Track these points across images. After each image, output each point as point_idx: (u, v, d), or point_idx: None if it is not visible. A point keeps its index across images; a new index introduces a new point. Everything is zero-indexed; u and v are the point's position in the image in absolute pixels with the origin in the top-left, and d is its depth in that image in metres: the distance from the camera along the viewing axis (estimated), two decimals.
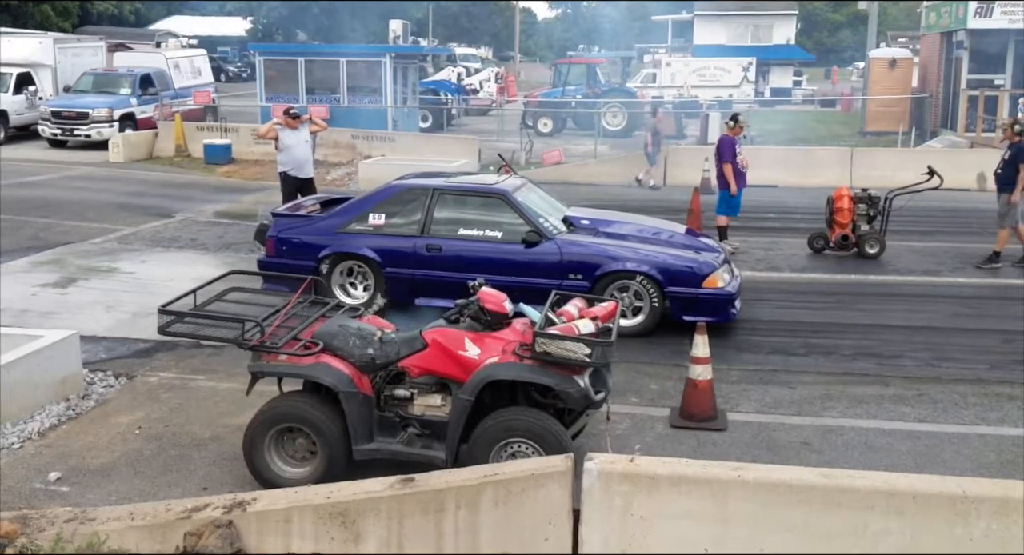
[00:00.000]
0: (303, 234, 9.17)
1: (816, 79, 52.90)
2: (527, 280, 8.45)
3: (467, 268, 8.46)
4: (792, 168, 18.77)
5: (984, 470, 5.81)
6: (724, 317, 8.69)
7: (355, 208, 9.20)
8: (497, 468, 4.35)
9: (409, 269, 8.82)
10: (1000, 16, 21.73)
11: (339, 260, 9.06)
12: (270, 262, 9.14)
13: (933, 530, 3.89)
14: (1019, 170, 11.15)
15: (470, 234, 8.86)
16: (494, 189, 9.08)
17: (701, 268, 8.69)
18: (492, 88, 38.25)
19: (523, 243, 8.68)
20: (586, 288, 8.42)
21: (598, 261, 8.64)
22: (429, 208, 8.92)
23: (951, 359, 8.10)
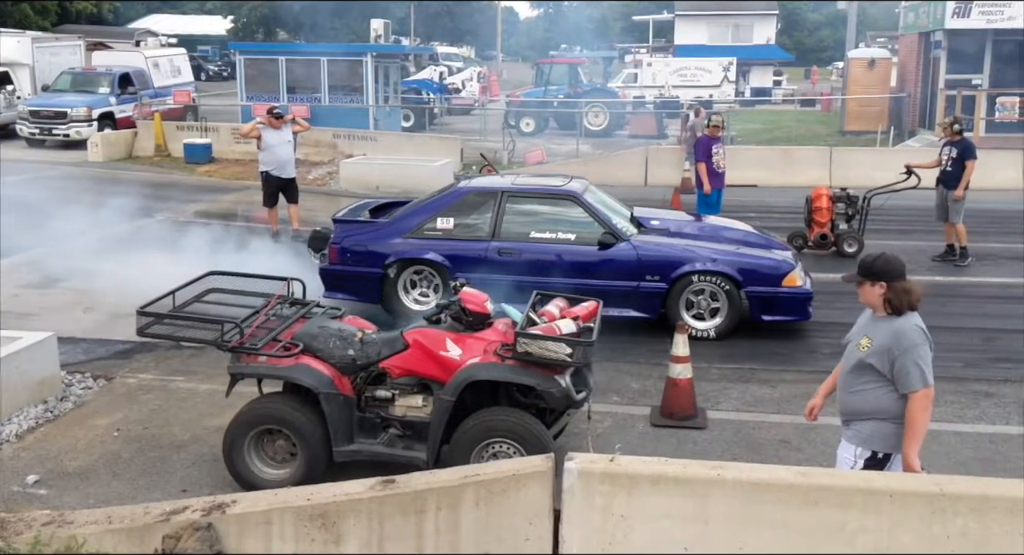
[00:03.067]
0: (368, 241, 8.92)
1: (796, 79, 53.16)
2: (603, 283, 8.36)
3: (540, 272, 8.42)
4: (772, 168, 18.87)
5: (961, 467, 5.86)
6: (803, 316, 8.61)
7: (421, 213, 8.98)
8: (478, 469, 4.35)
9: (480, 274, 8.46)
10: (978, 16, 21.89)
11: (406, 266, 8.84)
12: (334, 270, 8.94)
13: (910, 528, 3.92)
14: (965, 167, 11.36)
15: (542, 237, 8.70)
16: (564, 190, 8.95)
17: (780, 266, 8.62)
18: (474, 87, 38.23)
19: (598, 245, 8.55)
20: (663, 290, 8.42)
21: (675, 261, 8.50)
22: (498, 211, 8.75)
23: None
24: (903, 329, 4.31)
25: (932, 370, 4.31)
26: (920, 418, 4.29)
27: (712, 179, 12.23)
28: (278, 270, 7.01)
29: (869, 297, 4.42)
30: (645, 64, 38.68)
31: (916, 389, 4.27)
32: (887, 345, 4.31)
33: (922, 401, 4.28)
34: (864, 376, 4.40)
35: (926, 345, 4.32)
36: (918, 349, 4.28)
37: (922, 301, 4.40)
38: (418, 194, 16.86)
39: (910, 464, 4.28)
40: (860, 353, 4.41)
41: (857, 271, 4.45)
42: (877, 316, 4.44)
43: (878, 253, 4.51)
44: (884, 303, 4.38)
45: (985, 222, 13.30)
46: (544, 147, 21.87)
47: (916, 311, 4.41)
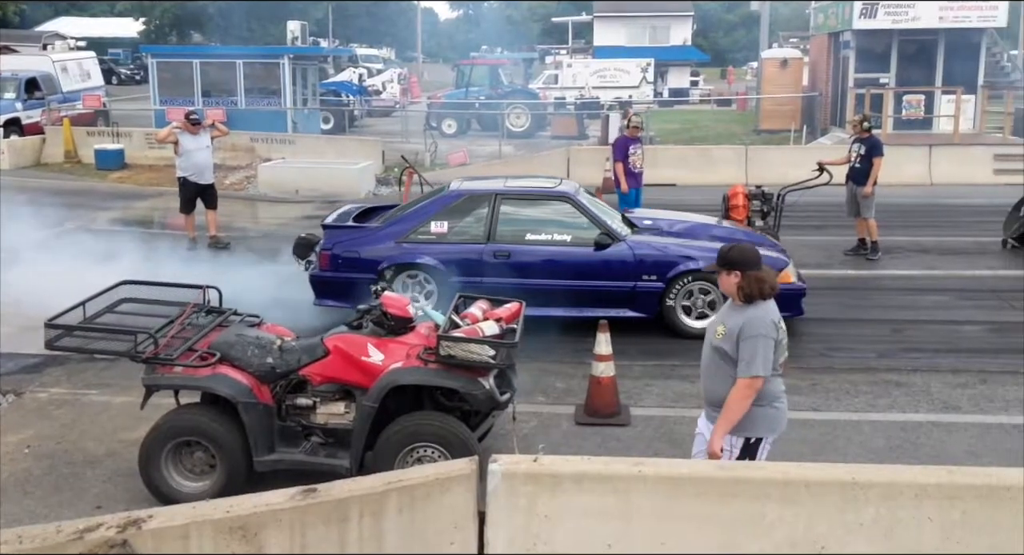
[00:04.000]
0: (360, 247, 8.81)
1: (713, 79, 54.18)
2: (600, 283, 8.46)
3: (537, 274, 8.43)
4: (691, 167, 19.19)
5: (874, 455, 6.05)
6: (797, 311, 8.65)
7: (414, 217, 8.90)
8: (401, 474, 4.32)
9: (477, 277, 8.47)
10: (884, 17, 22.61)
11: (400, 271, 8.73)
12: (325, 277, 8.77)
13: (825, 516, 4.02)
14: (873, 164, 11.76)
15: (537, 239, 8.70)
16: (558, 191, 8.98)
17: (775, 263, 8.60)
18: (395, 89, 38.03)
19: (594, 246, 8.56)
20: (659, 289, 8.46)
21: (672, 261, 8.55)
22: (492, 213, 8.71)
23: (843, 349, 8.41)
24: (753, 317, 4.45)
25: (769, 363, 4.41)
26: (736, 405, 4.42)
27: (629, 179, 12.41)
28: (196, 278, 6.86)
29: (726, 286, 4.59)
30: (565, 65, 38.97)
31: (743, 375, 4.40)
32: (736, 331, 4.46)
33: (744, 390, 4.41)
34: (721, 363, 4.54)
35: (770, 338, 4.43)
36: (759, 339, 4.40)
37: (776, 291, 4.54)
38: (339, 197, 16.88)
39: (713, 447, 4.45)
40: (715, 340, 4.57)
41: (716, 260, 4.62)
42: (734, 304, 4.60)
43: (733, 243, 4.73)
44: (738, 291, 4.52)
45: (894, 216, 13.74)
46: (467, 148, 21.85)
47: (770, 300, 4.54)
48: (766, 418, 4.53)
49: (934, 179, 18.22)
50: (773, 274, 4.63)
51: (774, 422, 4.59)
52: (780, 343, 4.51)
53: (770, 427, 4.56)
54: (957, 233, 13.25)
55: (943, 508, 3.96)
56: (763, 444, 4.57)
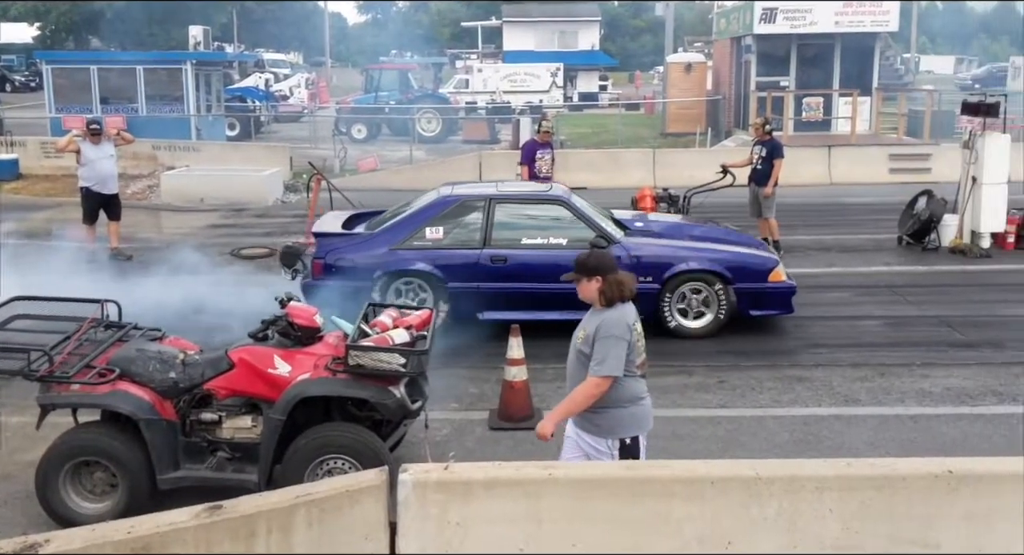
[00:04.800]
0: (353, 254, 8.68)
1: (621, 83, 55.00)
2: None
3: (535, 278, 8.43)
4: (600, 170, 19.41)
5: (778, 450, 6.21)
6: (788, 309, 8.86)
7: (408, 223, 8.79)
8: (310, 487, 4.25)
9: (474, 283, 8.50)
10: (783, 22, 23.28)
11: (395, 278, 8.63)
12: (319, 286, 8.56)
13: (731, 512, 4.10)
14: (774, 165, 12.13)
15: (534, 242, 8.71)
16: (552, 195, 9.02)
17: (766, 262, 8.85)
18: (303, 94, 37.47)
19: (592, 248, 8.44)
20: (656, 290, 8.50)
21: (667, 262, 8.63)
22: (488, 218, 8.69)
23: (748, 346, 8.59)
24: (608, 319, 4.57)
25: (621, 363, 4.52)
26: (581, 399, 4.55)
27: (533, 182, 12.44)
28: (97, 292, 6.63)
29: (587, 292, 4.68)
30: (476, 70, 39.07)
31: (594, 374, 4.51)
32: (593, 332, 4.57)
33: (592, 388, 4.52)
34: (583, 366, 4.63)
35: (623, 339, 4.53)
36: (611, 340, 4.51)
37: (634, 293, 4.68)
38: (247, 205, 16.57)
39: (543, 429, 4.55)
40: (578, 344, 4.68)
41: (574, 269, 4.70)
42: (595, 309, 4.70)
43: (590, 251, 4.87)
44: (600, 296, 4.63)
45: (795, 216, 14.15)
46: (377, 154, 21.73)
47: (629, 302, 4.68)
48: (633, 417, 4.67)
49: (833, 179, 18.84)
50: (631, 277, 4.76)
51: (641, 420, 4.73)
52: (635, 344, 4.62)
53: (639, 425, 4.71)
54: (855, 231, 13.72)
55: (843, 499, 4.08)
56: (640, 441, 4.71)
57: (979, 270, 11.47)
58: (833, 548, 4.05)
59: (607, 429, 4.64)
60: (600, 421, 4.65)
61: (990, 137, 12.23)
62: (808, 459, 4.54)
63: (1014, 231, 12.46)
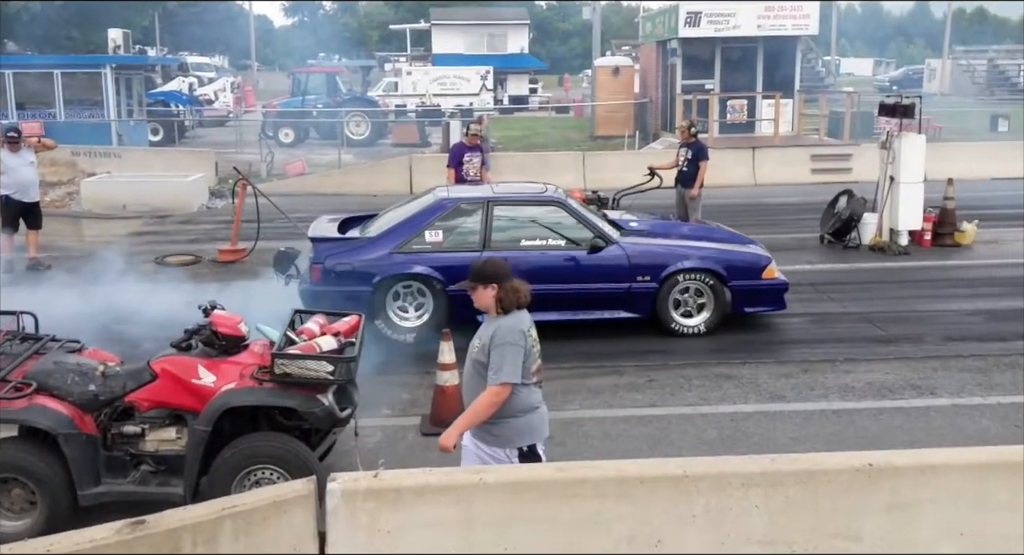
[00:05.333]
0: (353, 259, 8.60)
1: (551, 86, 55.25)
2: (596, 286, 8.64)
3: (535, 279, 8.09)
4: (531, 173, 19.39)
5: (706, 447, 6.30)
6: (781, 306, 9.01)
7: (408, 227, 8.76)
8: (236, 499, 4.17)
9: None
10: (707, 25, 23.67)
11: (393, 283, 8.60)
12: (317, 291, 8.46)
13: (661, 510, 4.14)
14: (699, 167, 12.36)
15: (532, 244, 8.74)
16: (549, 196, 9.08)
17: (760, 260, 9.01)
18: (228, 98, 36.88)
19: (589, 249, 8.67)
20: (654, 289, 8.66)
21: (665, 261, 8.74)
22: (487, 221, 8.72)
23: (676, 347, 8.68)
24: (503, 326, 4.56)
25: (518, 370, 4.51)
26: (482, 409, 4.52)
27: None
28: (14, 303, 6.43)
29: (483, 300, 4.67)
30: (405, 73, 38.89)
31: (492, 383, 4.49)
32: (488, 341, 4.57)
33: (492, 397, 4.50)
34: (480, 375, 4.62)
35: (520, 346, 4.53)
36: (507, 347, 4.50)
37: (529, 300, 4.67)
38: (171, 212, 16.21)
39: (446, 441, 4.53)
40: (474, 353, 4.67)
41: (470, 277, 4.69)
42: (490, 318, 4.69)
43: (485, 259, 4.86)
44: (496, 303, 4.63)
45: (722, 216, 14.35)
46: (305, 158, 21.46)
47: (524, 310, 4.68)
48: (530, 426, 4.66)
49: (758, 180, 19.22)
50: (526, 284, 4.74)
51: (538, 429, 4.71)
52: (531, 351, 4.61)
53: (535, 434, 4.69)
54: (779, 230, 14.00)
55: (768, 495, 4.15)
56: (537, 449, 4.70)
57: (898, 267, 11.81)
58: (759, 543, 4.12)
59: (504, 439, 4.62)
60: (497, 431, 4.63)
61: (906, 138, 12.60)
62: (735, 456, 4.60)
63: (931, 229, 12.87)
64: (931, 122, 24.08)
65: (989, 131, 28.66)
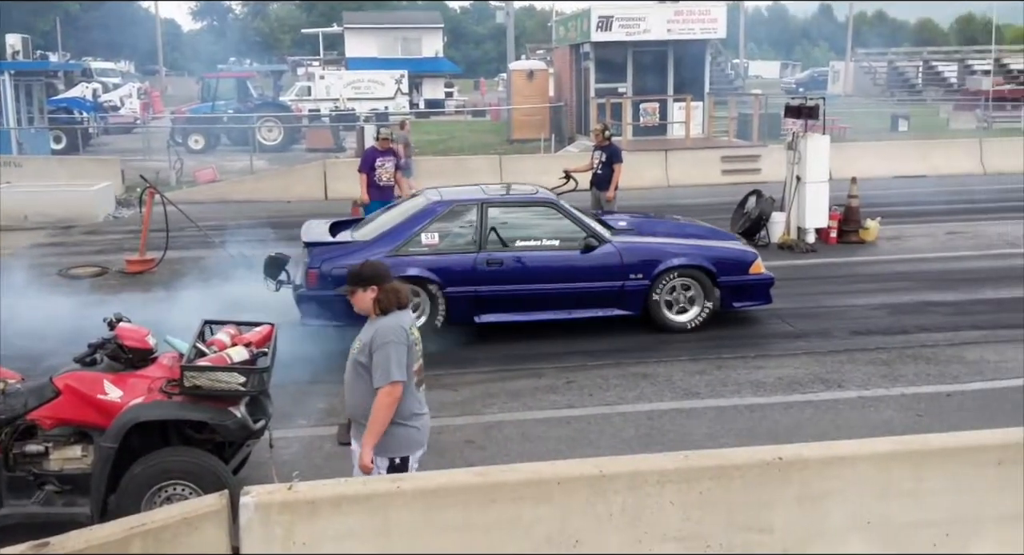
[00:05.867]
0: (349, 262, 8.10)
1: (466, 90, 55.26)
2: (591, 285, 8.80)
3: (530, 279, 8.69)
4: (448, 177, 19.29)
5: (625, 445, 6.37)
6: (767, 300, 9.24)
7: (403, 229, 8.80)
8: (145, 517, 4.05)
9: (472, 286, 8.62)
10: (618, 29, 24.01)
11: None
12: (313, 296, 8.40)
13: (578, 510, 4.17)
14: (614, 170, 12.54)
15: (527, 245, 8.84)
16: (543, 197, 9.28)
17: (746, 256, 9.25)
18: (135, 104, 35.87)
19: (583, 249, 8.81)
20: (646, 287, 8.82)
21: (656, 258, 8.90)
22: (481, 222, 8.78)
23: (595, 347, 8.76)
24: (383, 326, 4.56)
25: (403, 368, 4.51)
26: (380, 414, 4.49)
27: (373, 191, 12.29)
28: None
29: (362, 303, 4.66)
30: (318, 77, 38.48)
31: (381, 384, 4.48)
32: (369, 342, 4.56)
33: (385, 397, 4.48)
34: (360, 377, 4.61)
35: (402, 344, 4.53)
36: (389, 346, 4.49)
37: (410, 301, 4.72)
38: (75, 222, 15.67)
39: (363, 460, 4.51)
40: (354, 354, 4.66)
41: (348, 281, 4.68)
42: (370, 320, 4.68)
43: (363, 261, 4.85)
44: (375, 305, 4.62)
45: None
46: (215, 165, 21.04)
47: (406, 309, 4.70)
48: (408, 436, 4.63)
49: (671, 181, 19.56)
50: (405, 285, 4.77)
51: (416, 440, 4.69)
52: (413, 348, 4.61)
53: (412, 445, 4.66)
54: None
55: (683, 491, 4.22)
56: (411, 462, 4.66)
57: (806, 264, 12.15)
58: (675, 539, 4.18)
59: (381, 446, 4.57)
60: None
61: (812, 138, 12.98)
62: (650, 454, 4.67)
63: (836, 226, 13.28)
64: (835, 123, 24.88)
65: (890, 131, 29.75)
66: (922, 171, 20.82)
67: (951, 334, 8.92)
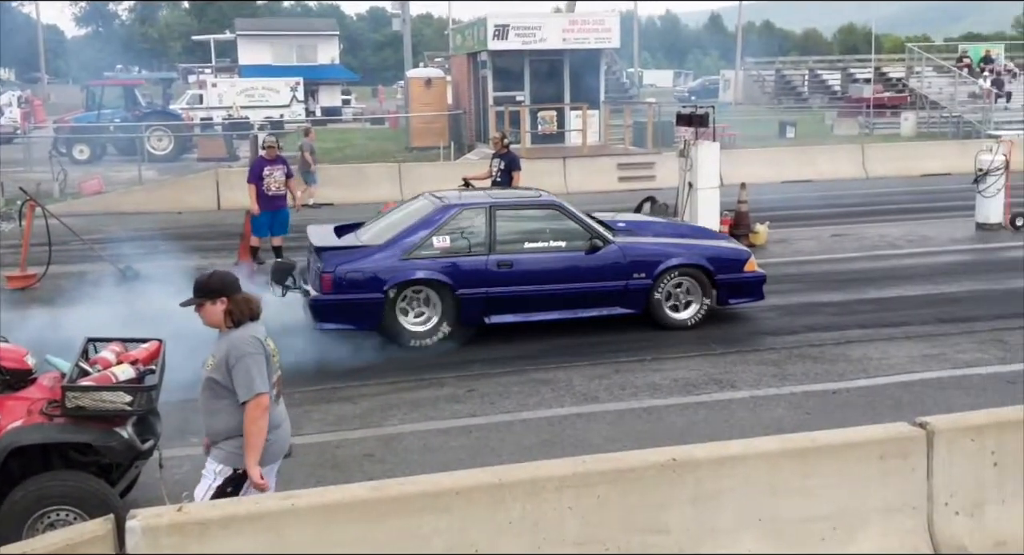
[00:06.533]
0: (363, 266, 8.65)
1: (364, 98, 54.87)
2: (596, 284, 9.09)
3: (538, 280, 8.98)
4: (347, 185, 19.28)
5: (526, 452, 6.38)
6: (761, 296, 9.66)
7: (414, 233, 8.89)
8: (26, 546, 3.86)
9: (483, 288, 8.80)
10: (515, 38, 24.16)
11: (404, 288, 8.71)
12: (329, 300, 8.46)
13: (477, 520, 4.16)
14: (512, 177, 12.67)
15: (535, 246, 9.07)
16: (548, 200, 9.55)
17: (741, 254, 9.67)
18: (15, 113, 34.35)
19: (589, 249, 9.09)
20: (648, 285, 9.13)
21: (658, 258, 9.20)
22: (490, 225, 8.95)
23: (496, 355, 8.76)
24: (236, 339, 4.41)
25: (266, 379, 4.40)
26: (252, 428, 4.38)
27: (262, 201, 12.09)
28: None
29: (212, 317, 4.50)
30: (210, 85, 37.57)
31: (246, 398, 4.36)
32: (224, 357, 4.42)
33: (253, 411, 4.36)
34: (214, 394, 4.49)
35: (260, 354, 4.40)
36: (248, 358, 4.36)
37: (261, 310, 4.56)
38: None
39: (252, 476, 4.42)
40: (207, 371, 4.52)
41: (194, 293, 4.50)
42: (221, 334, 4.53)
43: (209, 272, 4.64)
44: (226, 317, 4.48)
45: None
46: (102, 175, 20.32)
47: (258, 320, 4.54)
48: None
49: (569, 188, 19.77)
50: (257, 295, 4.62)
51: (270, 451, 4.54)
52: (271, 359, 4.50)
53: (266, 456, 4.51)
54: None
55: (581, 496, 4.26)
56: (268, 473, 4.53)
57: None
58: (574, 544, 4.22)
59: (225, 456, 4.47)
60: (224, 447, 4.49)
61: (702, 146, 13.31)
62: (548, 460, 4.68)
63: (727, 231, 13.62)
64: (726, 130, 25.56)
65: (778, 137, 30.75)
66: (808, 176, 21.62)
67: (837, 333, 9.25)
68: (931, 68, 35.94)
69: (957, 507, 4.69)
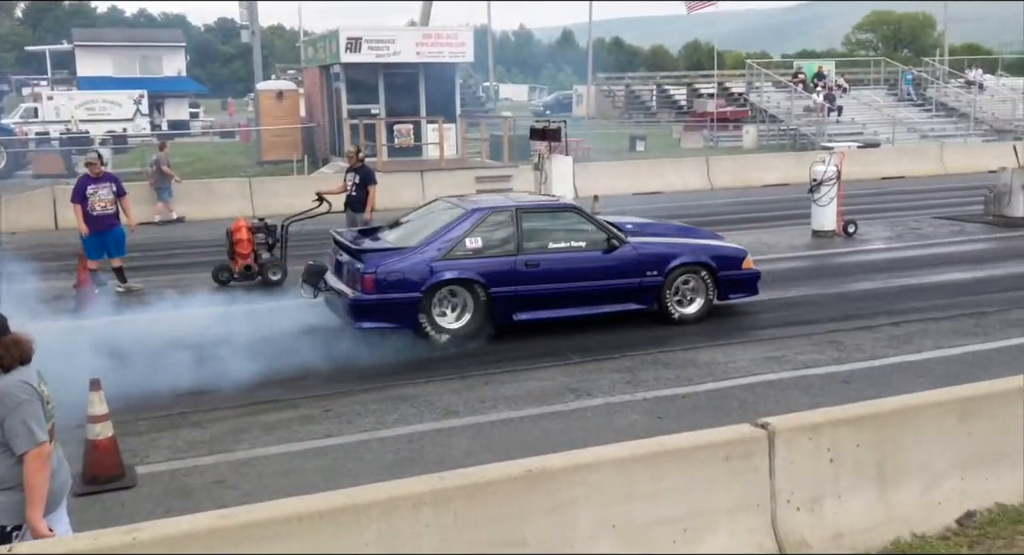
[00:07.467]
0: (402, 267, 9.08)
1: (214, 110, 53.26)
2: (614, 282, 9.72)
3: (561, 279, 9.53)
4: (195, 201, 18.68)
5: (385, 471, 6.29)
6: (756, 291, 10.47)
7: (447, 235, 9.31)
8: None
9: (512, 287, 9.31)
10: (368, 51, 24.02)
11: (439, 288, 9.14)
12: (371, 300, 8.87)
13: (332, 544, 4.05)
14: (368, 192, 12.59)
15: (558, 246, 9.62)
16: (566, 204, 10.35)
17: (739, 252, 10.38)
18: None
19: (607, 248, 9.70)
20: (660, 282, 9.82)
21: (668, 257, 9.89)
22: (518, 227, 9.46)
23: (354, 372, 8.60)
24: (7, 386, 3.99)
25: (43, 425, 4.03)
26: (35, 480, 4.00)
27: (89, 222, 11.46)
28: None
29: None
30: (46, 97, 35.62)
31: (25, 450, 3.97)
32: None
33: (34, 462, 3.98)
34: None
35: (34, 401, 4.02)
36: (23, 407, 3.97)
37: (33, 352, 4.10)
38: None
39: (36, 529, 4.02)
40: None
41: None
42: None
43: None
44: None
45: None
46: None
47: (28, 364, 4.10)
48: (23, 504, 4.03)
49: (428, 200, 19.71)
50: (26, 337, 4.13)
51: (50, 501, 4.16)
52: (45, 404, 4.12)
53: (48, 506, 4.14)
54: None
55: (438, 512, 4.23)
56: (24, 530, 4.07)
57: None
58: None
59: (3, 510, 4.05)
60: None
61: (556, 159, 13.61)
62: (405, 479, 4.63)
63: None
64: (580, 144, 26.18)
65: (629, 151, 31.70)
66: (658, 188, 22.37)
67: (685, 340, 9.57)
68: (769, 83, 37.82)
69: (798, 503, 4.92)
